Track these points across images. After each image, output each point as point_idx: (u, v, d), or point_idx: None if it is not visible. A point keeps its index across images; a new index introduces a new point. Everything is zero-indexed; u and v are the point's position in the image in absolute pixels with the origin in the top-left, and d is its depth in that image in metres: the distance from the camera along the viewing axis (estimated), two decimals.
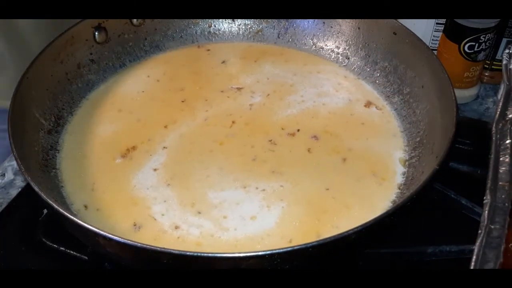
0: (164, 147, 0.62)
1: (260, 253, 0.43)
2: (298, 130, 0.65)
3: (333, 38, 0.76)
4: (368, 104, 0.70)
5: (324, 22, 0.77)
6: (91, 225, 0.45)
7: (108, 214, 0.55)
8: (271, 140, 0.63)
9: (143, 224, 0.54)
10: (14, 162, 0.65)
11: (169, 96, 0.70)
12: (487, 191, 0.44)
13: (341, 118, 0.67)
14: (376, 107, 0.69)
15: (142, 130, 0.64)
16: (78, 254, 0.56)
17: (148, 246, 0.43)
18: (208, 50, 0.78)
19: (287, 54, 0.78)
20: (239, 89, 0.71)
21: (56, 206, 0.46)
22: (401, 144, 0.64)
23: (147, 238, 0.52)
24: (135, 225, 0.54)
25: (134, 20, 0.74)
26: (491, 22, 0.70)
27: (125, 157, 0.61)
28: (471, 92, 0.79)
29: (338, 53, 0.76)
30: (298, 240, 0.52)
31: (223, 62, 0.76)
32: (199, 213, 0.55)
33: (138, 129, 0.65)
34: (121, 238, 0.43)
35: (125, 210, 0.55)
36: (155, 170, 0.59)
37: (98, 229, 0.44)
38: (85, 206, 0.56)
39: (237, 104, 0.69)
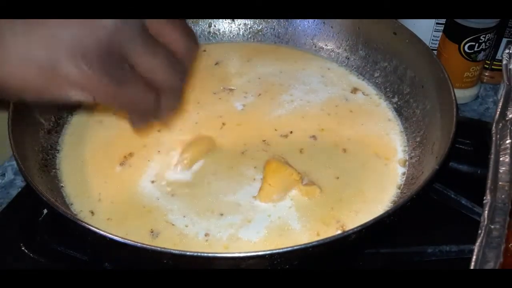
0: (159, 152, 0.61)
1: (260, 253, 0.43)
2: (291, 132, 0.65)
3: (333, 38, 0.76)
4: (355, 90, 0.71)
5: (324, 22, 0.77)
6: (92, 226, 0.45)
7: (121, 223, 0.54)
8: (264, 141, 0.63)
9: (161, 231, 0.53)
10: (14, 162, 0.65)
11: None
12: (487, 191, 0.44)
13: (332, 111, 0.68)
14: (363, 93, 0.71)
15: (136, 135, 0.64)
16: (78, 254, 0.56)
17: (148, 246, 0.43)
18: (204, 50, 0.78)
19: (280, 52, 0.78)
20: (231, 90, 0.71)
21: (56, 207, 0.46)
22: (395, 126, 0.66)
23: (167, 244, 0.52)
24: (152, 232, 0.53)
25: None
26: (491, 22, 0.71)
27: (123, 164, 0.60)
28: (471, 92, 0.79)
29: (338, 53, 0.76)
30: (324, 230, 0.53)
31: (217, 63, 0.76)
32: (220, 217, 0.55)
33: (132, 134, 0.64)
34: (121, 238, 0.43)
35: (138, 219, 0.55)
36: (153, 181, 0.59)
37: (99, 229, 0.44)
38: (92, 212, 0.55)
39: (229, 105, 0.69)
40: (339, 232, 0.53)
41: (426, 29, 0.79)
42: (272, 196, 0.56)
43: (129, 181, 0.58)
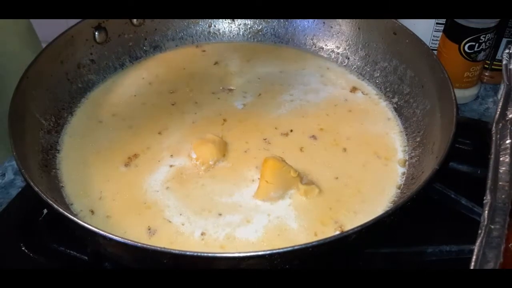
0: (167, 153, 0.61)
1: (260, 253, 0.43)
2: (291, 131, 0.65)
3: (333, 38, 0.76)
4: (354, 90, 0.71)
5: (324, 22, 0.77)
6: (91, 225, 0.45)
7: (119, 221, 0.54)
8: (265, 139, 0.63)
9: (158, 229, 0.53)
10: (14, 162, 0.65)
11: (159, 100, 0.69)
12: (487, 191, 0.44)
13: (331, 111, 0.68)
14: (362, 92, 0.71)
15: (138, 137, 0.64)
16: (78, 254, 0.56)
17: (148, 246, 0.43)
18: (204, 50, 0.78)
19: (279, 52, 0.78)
20: (230, 90, 0.71)
21: (56, 207, 0.46)
22: (395, 126, 0.66)
23: (164, 242, 0.52)
24: (149, 229, 0.53)
25: (134, 20, 0.74)
26: (491, 22, 0.70)
27: (128, 165, 0.60)
28: (471, 92, 0.79)
29: (338, 53, 0.76)
30: (322, 231, 0.53)
31: (216, 63, 0.76)
32: (218, 217, 0.55)
33: (134, 136, 0.64)
34: (120, 237, 0.43)
35: (137, 216, 0.55)
36: (162, 181, 0.59)
37: (98, 228, 0.44)
38: (91, 211, 0.55)
39: (228, 104, 0.69)
40: (337, 232, 0.53)
41: (426, 29, 0.79)
42: (269, 193, 0.56)
43: (135, 180, 0.58)
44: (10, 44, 0.83)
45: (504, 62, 0.59)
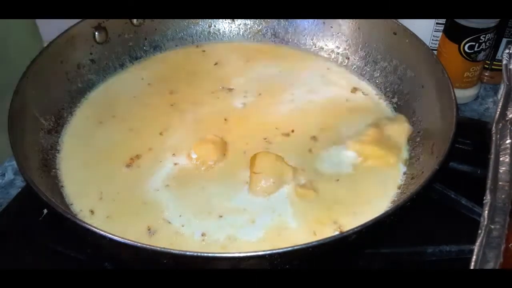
0: (170, 153, 0.61)
1: (260, 253, 0.43)
2: (293, 131, 0.65)
3: (333, 38, 0.76)
4: (354, 90, 0.71)
5: (324, 22, 0.77)
6: (91, 225, 0.45)
7: (119, 221, 0.54)
8: (265, 139, 0.63)
9: (158, 229, 0.53)
10: (14, 162, 0.65)
11: (159, 100, 0.69)
12: (487, 191, 0.44)
13: (332, 111, 0.68)
14: (362, 92, 0.71)
15: (140, 138, 0.64)
16: (77, 254, 0.56)
17: (148, 246, 0.43)
18: (204, 51, 0.78)
19: (279, 52, 0.78)
20: (230, 89, 0.71)
21: (56, 207, 0.46)
22: None
23: (164, 242, 0.52)
24: (149, 230, 0.53)
25: (134, 20, 0.74)
26: (491, 22, 0.71)
27: (130, 166, 0.60)
28: (471, 92, 0.79)
29: (338, 53, 0.76)
30: (322, 231, 0.53)
31: (216, 63, 0.75)
32: (219, 219, 0.55)
33: (135, 137, 0.64)
34: (120, 237, 0.43)
35: (137, 216, 0.55)
36: (163, 181, 0.58)
37: (98, 228, 0.44)
38: (91, 211, 0.55)
39: (228, 104, 0.69)
40: (337, 232, 0.53)
41: (426, 29, 0.79)
42: (260, 183, 0.56)
43: (136, 181, 0.58)
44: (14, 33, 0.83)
45: (504, 62, 0.59)
